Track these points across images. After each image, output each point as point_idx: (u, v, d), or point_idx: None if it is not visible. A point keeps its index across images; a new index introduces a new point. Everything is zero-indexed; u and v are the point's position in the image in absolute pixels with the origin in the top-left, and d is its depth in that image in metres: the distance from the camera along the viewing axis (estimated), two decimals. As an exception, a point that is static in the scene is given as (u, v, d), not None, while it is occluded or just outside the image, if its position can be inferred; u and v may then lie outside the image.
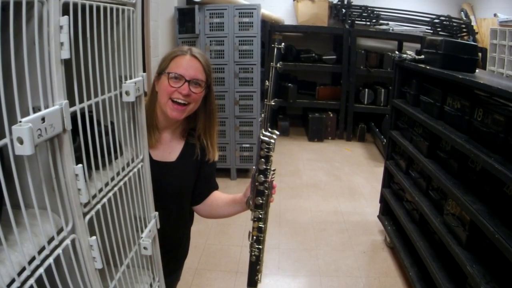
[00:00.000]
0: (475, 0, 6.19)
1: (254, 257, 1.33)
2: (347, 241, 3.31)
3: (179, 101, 1.33)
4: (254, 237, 1.31)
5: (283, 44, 1.14)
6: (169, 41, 4.21)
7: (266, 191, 1.28)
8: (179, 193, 1.48)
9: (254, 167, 1.27)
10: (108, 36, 0.83)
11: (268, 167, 1.24)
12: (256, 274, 1.35)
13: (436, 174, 2.26)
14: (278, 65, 1.14)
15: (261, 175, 1.25)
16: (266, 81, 1.15)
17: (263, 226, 1.31)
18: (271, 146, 1.22)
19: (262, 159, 1.23)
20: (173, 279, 1.64)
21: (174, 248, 1.57)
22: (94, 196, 0.78)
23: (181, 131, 1.49)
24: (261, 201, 1.28)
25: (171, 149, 1.47)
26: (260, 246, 1.32)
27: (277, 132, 1.23)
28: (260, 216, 1.29)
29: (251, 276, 1.35)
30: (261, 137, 1.21)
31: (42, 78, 0.61)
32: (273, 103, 1.17)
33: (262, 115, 1.19)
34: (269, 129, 1.21)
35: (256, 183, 1.27)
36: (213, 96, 1.49)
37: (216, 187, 1.60)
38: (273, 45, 1.14)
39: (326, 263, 2.98)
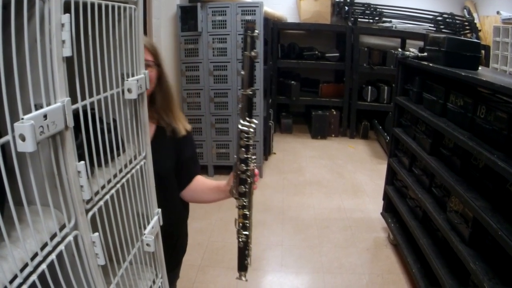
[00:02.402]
0: (479, -3, 6.17)
1: (242, 243, 1.36)
2: (350, 238, 3.31)
3: None
4: (240, 224, 1.34)
5: (256, 31, 1.12)
6: (172, 39, 4.22)
7: (249, 179, 1.29)
8: (161, 176, 1.49)
9: (235, 156, 1.28)
10: (110, 34, 0.84)
11: (248, 156, 1.26)
12: (245, 259, 1.38)
13: (439, 171, 2.26)
14: (252, 53, 1.13)
15: (242, 164, 1.27)
16: (242, 70, 1.15)
17: (248, 213, 1.33)
18: (250, 135, 1.23)
19: (242, 149, 1.25)
20: (172, 277, 1.65)
21: (171, 243, 1.57)
22: (97, 193, 0.78)
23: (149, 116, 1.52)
24: (244, 189, 1.30)
25: None
26: (246, 232, 1.34)
27: (256, 121, 1.24)
28: (244, 203, 1.32)
29: (240, 261, 1.39)
30: (240, 127, 1.22)
31: (44, 75, 0.61)
32: (250, 92, 1.17)
33: (240, 105, 1.20)
34: (247, 119, 1.22)
35: (238, 172, 1.28)
36: (166, 75, 1.52)
37: (198, 171, 1.62)
38: (246, 33, 1.12)
39: (329, 260, 2.98)
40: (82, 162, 0.70)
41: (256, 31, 1.11)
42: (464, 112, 2.14)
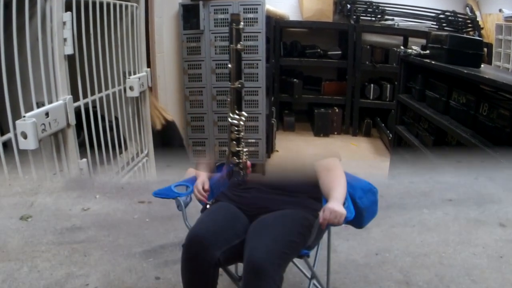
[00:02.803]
0: (481, -5, 6.14)
1: None
2: (352, 236, 3.30)
3: None
4: None
5: (242, 23, 1.11)
6: (174, 37, 4.22)
7: (241, 172, 1.29)
8: None
9: (227, 149, 1.29)
10: (112, 32, 0.84)
11: (240, 149, 1.27)
12: None
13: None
14: (238, 46, 1.12)
15: (234, 157, 1.27)
16: (229, 64, 1.15)
17: None
18: (240, 128, 1.24)
19: (234, 142, 1.25)
20: None
21: None
22: (99, 191, 0.79)
23: None
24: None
25: None
26: None
27: (245, 114, 1.25)
28: None
29: None
30: (230, 120, 1.22)
31: (45, 73, 0.61)
32: (238, 85, 1.17)
33: (228, 99, 1.20)
34: (237, 112, 1.23)
35: (231, 165, 1.29)
36: None
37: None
38: (231, 26, 1.11)
39: (331, 259, 2.97)
40: (84, 159, 0.71)
41: (242, 23, 1.10)
42: (466, 110, 2.13)
